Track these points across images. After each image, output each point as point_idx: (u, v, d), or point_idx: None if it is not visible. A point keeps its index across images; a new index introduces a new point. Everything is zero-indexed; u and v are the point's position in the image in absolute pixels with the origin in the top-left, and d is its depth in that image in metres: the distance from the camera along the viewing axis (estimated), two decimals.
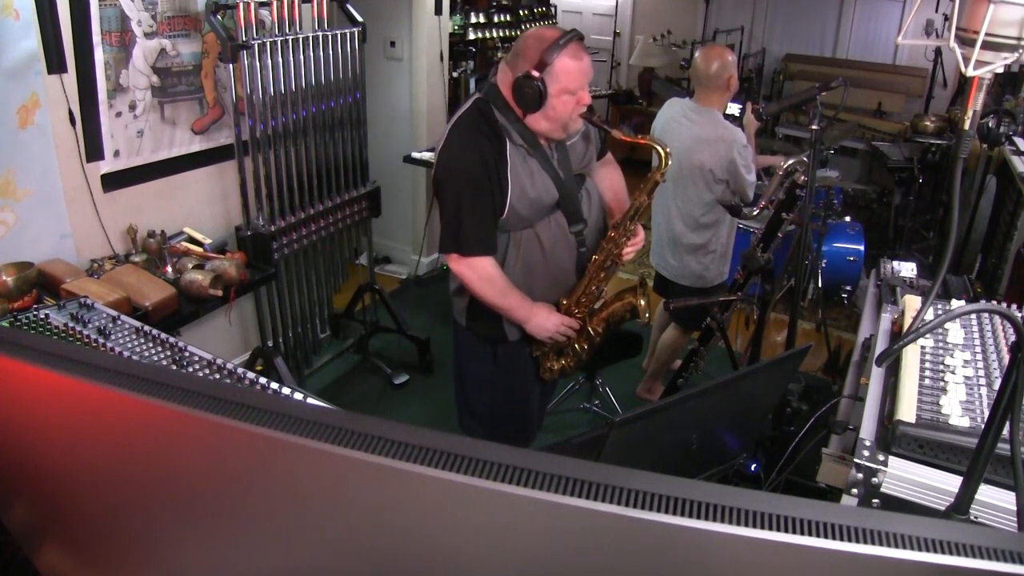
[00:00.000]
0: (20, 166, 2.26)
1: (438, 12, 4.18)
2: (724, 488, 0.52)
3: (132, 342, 1.50)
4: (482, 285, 1.92)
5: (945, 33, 1.22)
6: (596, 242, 2.07)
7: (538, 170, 1.90)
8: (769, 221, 2.67)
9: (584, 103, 1.85)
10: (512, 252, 1.97)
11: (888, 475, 1.20)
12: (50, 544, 0.92)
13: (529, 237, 1.96)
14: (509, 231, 1.95)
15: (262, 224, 2.82)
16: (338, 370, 3.61)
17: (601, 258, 2.00)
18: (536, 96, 1.79)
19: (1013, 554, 0.48)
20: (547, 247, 1.98)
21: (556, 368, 2.14)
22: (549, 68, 1.78)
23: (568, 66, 1.78)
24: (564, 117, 1.84)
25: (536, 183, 1.90)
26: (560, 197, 1.95)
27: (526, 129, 1.88)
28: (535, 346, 2.11)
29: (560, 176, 1.94)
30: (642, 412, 1.32)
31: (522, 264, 1.98)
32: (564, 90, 1.80)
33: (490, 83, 1.92)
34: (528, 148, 1.89)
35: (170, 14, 2.62)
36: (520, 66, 1.82)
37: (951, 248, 1.32)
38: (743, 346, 3.40)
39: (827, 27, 6.64)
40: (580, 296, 2.03)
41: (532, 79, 1.78)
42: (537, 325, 2.00)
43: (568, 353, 2.12)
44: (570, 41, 1.79)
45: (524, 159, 1.89)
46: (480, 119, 1.87)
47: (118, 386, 0.61)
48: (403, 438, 0.55)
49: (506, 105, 1.87)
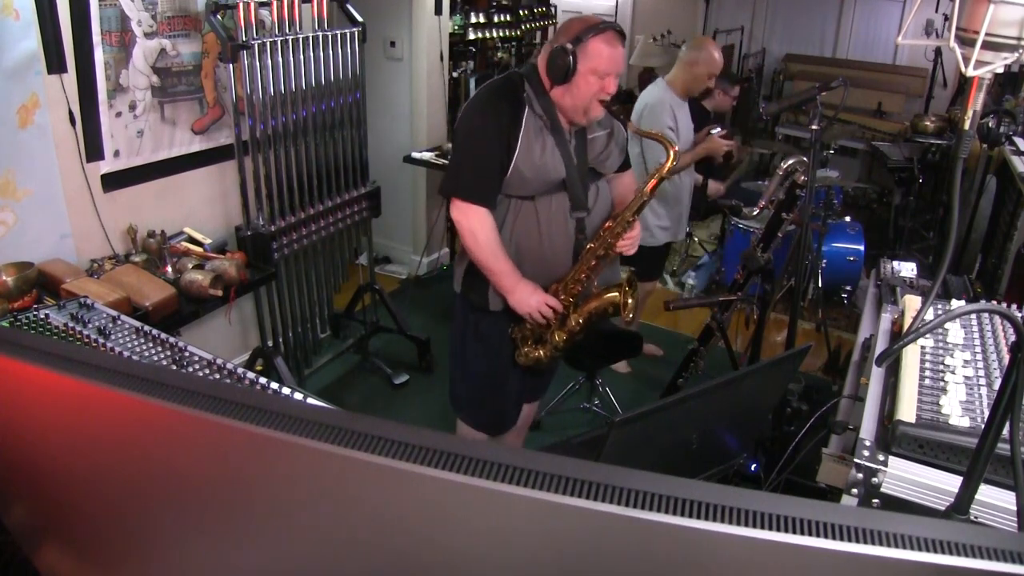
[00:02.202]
0: (20, 166, 2.26)
1: (438, 12, 4.18)
2: (724, 488, 0.52)
3: (132, 342, 1.50)
4: (473, 234, 1.97)
5: (945, 33, 1.22)
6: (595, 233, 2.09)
7: (552, 146, 1.97)
8: (769, 221, 2.68)
9: (609, 91, 1.92)
10: (509, 221, 2.02)
11: (888, 475, 1.20)
12: (50, 544, 0.92)
13: (528, 209, 2.01)
14: (510, 197, 2.00)
15: (262, 224, 2.82)
16: (338, 370, 3.61)
17: (596, 246, 2.02)
18: (565, 68, 1.88)
19: (1013, 554, 0.48)
20: (543, 224, 2.02)
21: (532, 355, 2.15)
22: (583, 45, 1.87)
23: (601, 48, 1.88)
24: (586, 98, 1.91)
25: (546, 155, 1.96)
26: (567, 178, 2.00)
27: (550, 105, 1.96)
28: (514, 325, 2.13)
29: (573, 160, 2.00)
30: (642, 412, 1.32)
31: (516, 235, 2.03)
32: (592, 70, 1.88)
33: (530, 63, 2.02)
34: (547, 123, 1.96)
35: (170, 14, 2.62)
36: (559, 40, 1.91)
37: (951, 248, 1.32)
38: (743, 346, 3.40)
39: (827, 27, 6.65)
40: (569, 282, 2.05)
41: (565, 52, 1.87)
42: (519, 299, 2.02)
43: (546, 341, 2.13)
44: (609, 28, 1.90)
45: (540, 130, 1.96)
46: (508, 86, 1.97)
47: (118, 386, 0.61)
48: (403, 438, 0.55)
49: (539, 81, 1.96)
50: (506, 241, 2.02)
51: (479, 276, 2.05)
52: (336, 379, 3.56)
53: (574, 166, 2.00)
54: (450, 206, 2.01)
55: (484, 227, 1.97)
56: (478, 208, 1.96)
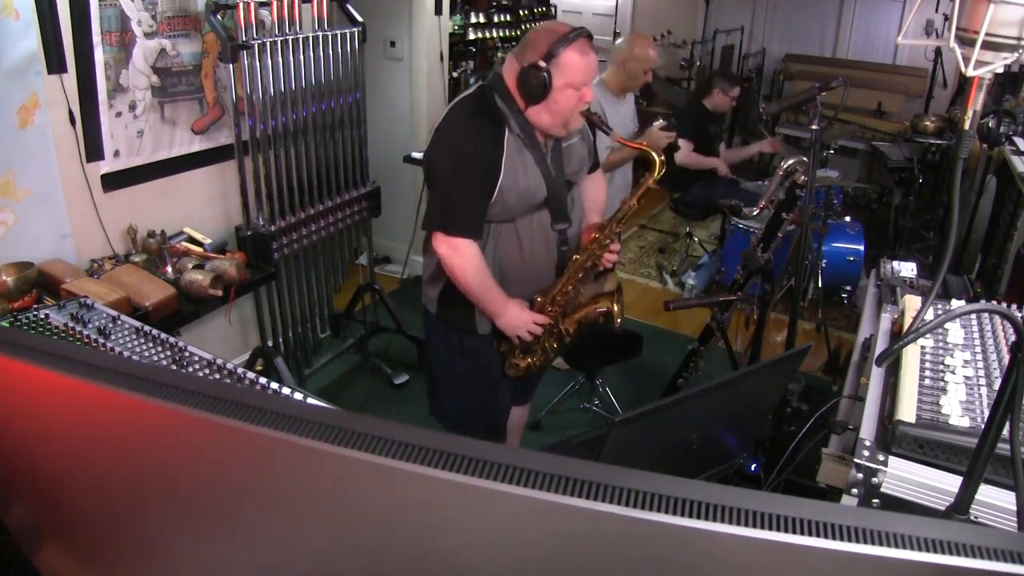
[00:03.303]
0: (20, 166, 2.26)
1: (438, 12, 4.18)
2: (724, 488, 0.52)
3: (132, 342, 1.50)
4: (464, 269, 1.89)
5: (945, 33, 1.22)
6: (577, 243, 2.06)
7: (531, 164, 1.90)
8: (769, 221, 2.67)
9: (587, 100, 1.86)
10: (490, 245, 1.95)
11: (888, 475, 1.20)
12: (50, 544, 0.92)
13: (508, 232, 1.95)
14: (491, 222, 1.92)
15: (262, 224, 2.82)
16: (338, 370, 3.61)
17: (583, 259, 1.99)
18: (541, 87, 1.79)
19: (1013, 554, 0.48)
20: (525, 244, 1.97)
21: (523, 365, 2.11)
22: (556, 60, 1.78)
23: (575, 60, 1.80)
24: (565, 112, 1.85)
25: (528, 176, 1.89)
26: (548, 195, 1.94)
27: (526, 122, 1.88)
28: (502, 341, 2.09)
29: (552, 175, 1.94)
30: (642, 412, 1.32)
31: (499, 257, 1.97)
32: (568, 84, 1.80)
33: (495, 73, 1.93)
34: (525, 140, 1.88)
35: (170, 14, 2.62)
36: (528, 57, 1.82)
37: (951, 248, 1.32)
38: (743, 346, 3.40)
39: (827, 27, 6.65)
40: (556, 295, 2.02)
41: (539, 69, 1.79)
42: (508, 322, 1.98)
43: (536, 351, 2.10)
44: (579, 37, 1.80)
45: (520, 150, 1.88)
46: (483, 104, 1.88)
47: (118, 386, 0.61)
48: (403, 438, 0.55)
49: (509, 95, 1.87)
50: (489, 264, 1.94)
51: (459, 299, 1.98)
52: (336, 379, 3.56)
53: (553, 180, 1.94)
54: (433, 240, 1.91)
55: (475, 260, 1.89)
56: (468, 241, 1.88)
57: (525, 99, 1.84)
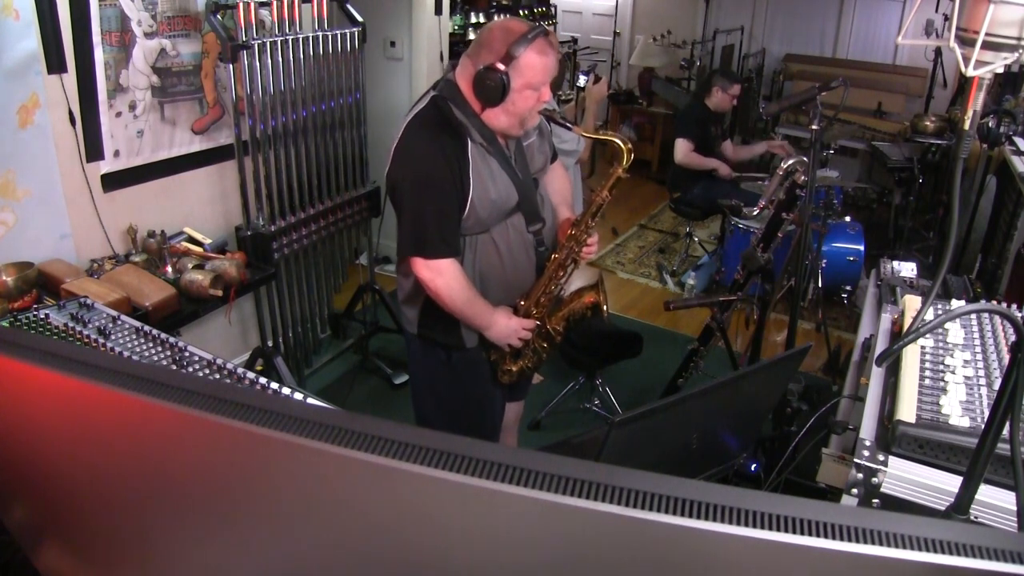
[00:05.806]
0: (20, 166, 2.26)
1: (438, 12, 4.18)
2: (724, 488, 0.52)
3: (132, 342, 1.50)
4: (450, 288, 1.83)
5: (945, 33, 1.22)
6: (553, 241, 2.03)
7: (498, 170, 1.85)
8: (769, 221, 2.67)
9: (544, 99, 1.81)
10: (468, 258, 1.90)
11: (888, 475, 1.20)
12: (50, 544, 0.92)
13: (485, 242, 1.90)
14: (465, 235, 1.87)
15: (262, 224, 2.82)
16: (338, 370, 3.61)
17: (561, 257, 1.96)
18: (499, 89, 1.73)
19: (1013, 554, 0.48)
20: (504, 252, 1.93)
21: (515, 370, 2.08)
22: (515, 62, 1.72)
23: (534, 61, 1.73)
24: (523, 112, 1.79)
25: (498, 184, 1.84)
26: (520, 199, 1.90)
27: (484, 126, 1.82)
28: (492, 350, 2.04)
29: (519, 176, 1.90)
30: (642, 412, 1.32)
31: (479, 269, 1.92)
32: (527, 85, 1.75)
33: (446, 80, 1.85)
34: (487, 146, 1.83)
35: (170, 14, 2.62)
36: (484, 58, 1.75)
37: (951, 248, 1.32)
38: (743, 346, 3.40)
39: (827, 27, 6.64)
40: (539, 296, 1.98)
41: (496, 71, 1.72)
42: (498, 332, 1.94)
43: (527, 354, 2.07)
44: (538, 36, 1.74)
45: (485, 157, 1.83)
46: (440, 117, 1.81)
47: (118, 386, 0.61)
48: (403, 438, 0.55)
49: (464, 102, 1.81)
50: (470, 276, 1.89)
51: (441, 315, 1.92)
52: (336, 379, 3.56)
53: (521, 181, 1.90)
54: (412, 266, 1.84)
55: (459, 278, 1.84)
56: (448, 261, 1.82)
57: (482, 102, 1.78)
